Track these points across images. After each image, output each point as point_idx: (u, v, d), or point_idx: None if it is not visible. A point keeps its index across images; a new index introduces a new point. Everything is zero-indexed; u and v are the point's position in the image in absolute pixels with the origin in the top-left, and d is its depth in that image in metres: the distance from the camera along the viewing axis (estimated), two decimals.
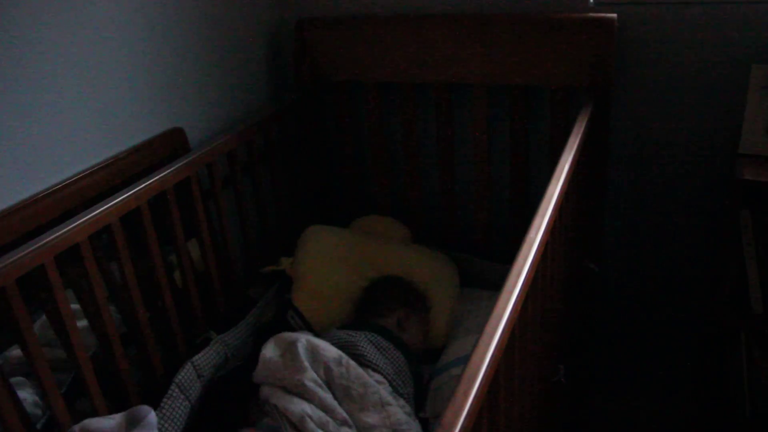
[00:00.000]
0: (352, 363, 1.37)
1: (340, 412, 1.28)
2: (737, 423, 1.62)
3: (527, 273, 0.95)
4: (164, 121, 1.57)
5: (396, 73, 1.81)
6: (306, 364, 1.31)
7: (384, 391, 1.35)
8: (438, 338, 1.66)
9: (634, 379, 2.03)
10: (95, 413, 1.27)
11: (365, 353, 1.43)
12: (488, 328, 0.82)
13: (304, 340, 1.38)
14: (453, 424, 0.66)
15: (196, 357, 1.42)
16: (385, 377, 1.41)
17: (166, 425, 1.30)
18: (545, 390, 1.34)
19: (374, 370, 1.41)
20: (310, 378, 1.29)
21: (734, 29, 1.55)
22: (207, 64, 1.70)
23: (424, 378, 1.53)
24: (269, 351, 1.36)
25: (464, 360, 1.50)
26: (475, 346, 0.79)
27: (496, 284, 1.75)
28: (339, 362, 1.36)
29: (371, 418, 1.30)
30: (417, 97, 1.84)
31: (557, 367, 1.42)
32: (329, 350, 1.38)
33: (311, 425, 1.22)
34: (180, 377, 1.36)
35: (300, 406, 1.25)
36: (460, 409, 0.68)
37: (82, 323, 1.31)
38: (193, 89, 1.66)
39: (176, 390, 1.34)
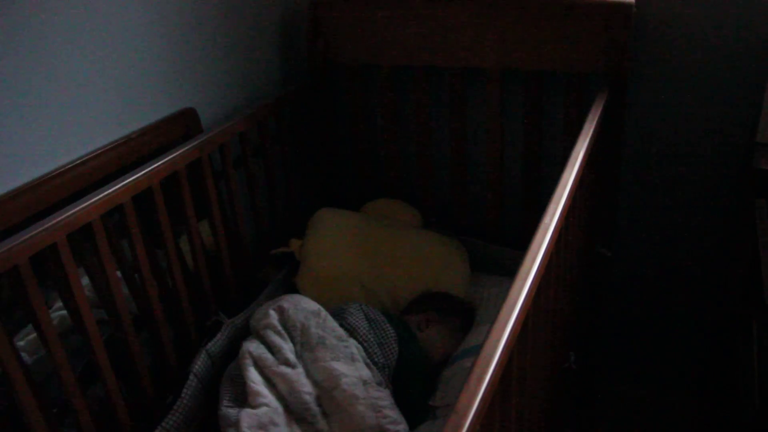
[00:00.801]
0: (330, 317, 1.46)
1: (285, 353, 1.36)
2: (746, 414, 1.62)
3: (541, 259, 0.94)
4: (177, 101, 1.57)
5: (409, 57, 1.80)
6: (270, 312, 1.44)
7: (355, 349, 1.41)
8: None
9: (643, 368, 2.03)
10: (108, 397, 1.28)
11: (347, 316, 1.50)
12: (502, 315, 0.81)
13: (288, 297, 1.50)
14: (467, 410, 0.66)
15: (210, 345, 1.43)
16: (361, 343, 1.44)
17: (187, 414, 1.33)
18: (556, 377, 1.34)
19: (350, 334, 1.46)
20: (265, 324, 1.42)
21: (754, 15, 1.53)
22: (220, 44, 1.69)
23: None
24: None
25: (475, 351, 1.50)
26: (488, 332, 0.78)
27: (507, 269, 1.77)
28: (317, 314, 1.46)
29: (342, 367, 1.35)
30: (430, 80, 1.83)
31: (568, 354, 1.42)
32: (310, 304, 1.48)
33: (248, 361, 1.34)
34: (197, 367, 1.38)
35: (246, 345, 1.38)
36: (474, 395, 0.68)
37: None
38: (205, 70, 1.65)
39: (195, 380, 1.37)
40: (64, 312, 1.43)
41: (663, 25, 1.61)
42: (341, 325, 1.48)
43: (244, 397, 1.30)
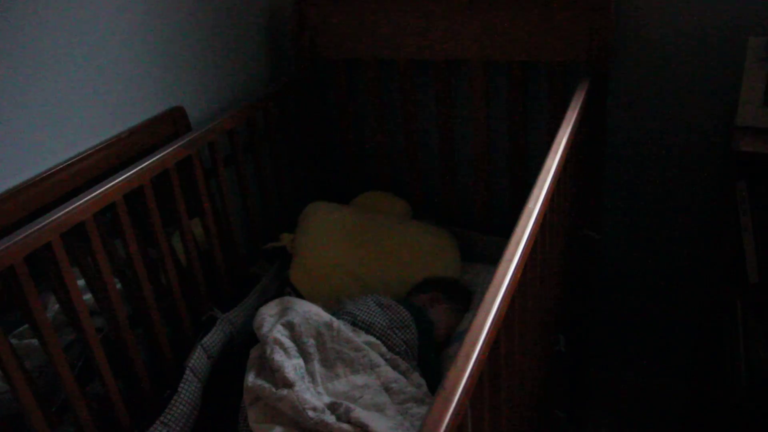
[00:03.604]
0: (343, 327, 1.43)
1: (285, 372, 1.30)
2: (734, 392, 1.65)
3: (526, 243, 0.97)
4: (165, 100, 1.58)
5: (393, 49, 1.81)
6: (279, 327, 1.40)
7: (374, 353, 1.40)
8: None
9: (632, 350, 2.06)
10: (106, 394, 1.29)
11: (358, 313, 1.49)
12: (488, 296, 0.84)
13: (296, 306, 1.46)
14: (455, 387, 0.68)
15: (205, 339, 1.45)
16: (378, 338, 1.45)
17: (185, 408, 1.34)
18: (546, 359, 1.36)
19: (366, 331, 1.46)
20: (273, 339, 1.38)
21: (731, 2, 1.56)
22: (206, 42, 1.71)
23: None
24: (266, 308, 1.49)
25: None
26: (475, 312, 0.81)
27: (497, 258, 1.79)
28: (330, 326, 1.42)
29: (362, 379, 1.36)
30: (415, 73, 1.85)
31: (557, 337, 1.45)
32: (321, 315, 1.44)
33: (247, 396, 1.33)
34: (193, 362, 1.40)
35: (246, 376, 1.36)
36: (462, 372, 0.70)
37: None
38: (193, 68, 1.67)
39: (190, 374, 1.38)
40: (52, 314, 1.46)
41: (643, 13, 1.64)
42: (354, 323, 1.48)
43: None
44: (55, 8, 1.29)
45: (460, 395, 0.68)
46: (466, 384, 0.69)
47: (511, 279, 0.87)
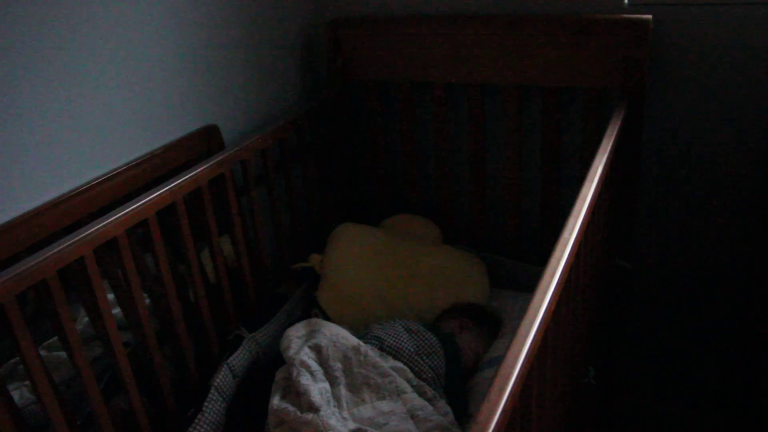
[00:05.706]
0: (370, 352, 1.42)
1: (311, 396, 1.30)
2: None
3: (561, 273, 0.95)
4: (200, 118, 1.60)
5: (428, 74, 1.82)
6: (306, 349, 1.39)
7: (400, 379, 1.39)
8: None
9: (665, 382, 2.01)
10: (131, 409, 1.29)
11: (385, 338, 1.47)
12: (522, 329, 0.82)
13: (324, 329, 1.45)
14: (488, 421, 0.66)
15: (231, 358, 1.44)
16: (405, 363, 1.43)
17: (208, 428, 1.34)
18: (576, 391, 1.33)
19: (393, 356, 1.45)
20: (300, 362, 1.37)
21: None
22: (242, 62, 1.73)
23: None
24: (293, 330, 1.48)
25: (495, 362, 1.51)
26: (509, 345, 0.79)
27: (526, 285, 1.78)
28: (357, 350, 1.41)
29: (388, 405, 1.34)
30: (448, 97, 1.85)
31: (588, 369, 1.42)
32: (349, 339, 1.43)
33: (271, 418, 1.32)
34: (218, 381, 1.39)
35: (272, 399, 1.34)
36: (495, 407, 0.69)
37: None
38: (228, 87, 1.68)
39: (215, 393, 1.37)
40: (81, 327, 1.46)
41: (681, 40, 1.62)
42: (381, 348, 1.46)
43: None
44: (95, 29, 1.31)
45: (493, 430, 0.66)
46: (498, 419, 0.68)
47: (545, 311, 0.86)
